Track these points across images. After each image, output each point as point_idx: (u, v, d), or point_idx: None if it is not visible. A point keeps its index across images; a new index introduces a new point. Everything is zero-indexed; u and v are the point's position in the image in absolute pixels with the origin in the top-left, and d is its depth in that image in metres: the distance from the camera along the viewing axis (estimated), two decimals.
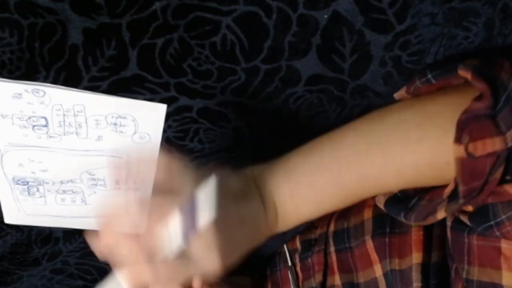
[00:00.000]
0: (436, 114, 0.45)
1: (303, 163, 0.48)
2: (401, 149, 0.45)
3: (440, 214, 0.44)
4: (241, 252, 0.47)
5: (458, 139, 0.42)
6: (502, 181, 0.41)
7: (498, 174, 0.40)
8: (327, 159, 0.48)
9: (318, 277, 0.60)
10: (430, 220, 0.45)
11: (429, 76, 0.47)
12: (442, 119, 0.44)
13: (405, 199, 0.49)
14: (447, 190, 0.43)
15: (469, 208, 0.43)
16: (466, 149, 0.41)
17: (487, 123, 0.41)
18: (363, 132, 0.48)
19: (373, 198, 0.57)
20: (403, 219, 0.48)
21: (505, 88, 0.42)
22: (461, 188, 0.41)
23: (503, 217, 0.40)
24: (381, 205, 0.51)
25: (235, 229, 0.46)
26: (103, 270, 0.70)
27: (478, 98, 0.42)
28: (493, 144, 0.40)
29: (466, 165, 0.41)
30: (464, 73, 0.44)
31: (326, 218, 0.64)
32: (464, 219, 0.43)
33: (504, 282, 0.40)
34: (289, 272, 0.65)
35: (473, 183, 0.41)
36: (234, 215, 0.46)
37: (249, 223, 0.47)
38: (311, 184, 0.48)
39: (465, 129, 0.41)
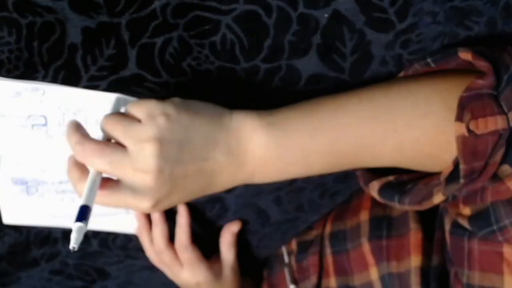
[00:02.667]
0: (444, 90, 0.44)
1: (301, 124, 0.45)
2: (405, 123, 0.44)
3: (437, 198, 0.43)
4: (188, 198, 0.45)
5: (459, 117, 0.41)
6: (499, 177, 0.40)
7: (498, 157, 0.40)
8: (327, 124, 0.45)
9: (313, 279, 0.60)
10: (425, 205, 0.44)
11: (429, 60, 0.46)
12: (450, 96, 0.43)
13: (400, 185, 0.48)
14: (445, 172, 0.42)
15: (467, 211, 0.42)
16: (467, 127, 0.40)
17: (489, 102, 0.41)
18: (368, 100, 0.46)
19: (370, 200, 0.57)
20: (397, 204, 0.47)
21: (507, 69, 0.42)
22: (462, 167, 0.40)
23: (506, 222, 0.39)
24: (374, 192, 0.49)
25: (190, 176, 0.43)
26: (102, 270, 0.70)
27: (480, 76, 0.42)
28: (495, 122, 0.40)
29: (468, 143, 0.40)
30: (465, 54, 0.43)
31: (322, 219, 0.64)
32: (464, 222, 0.42)
33: (506, 287, 0.40)
34: (285, 271, 0.65)
35: (475, 162, 0.40)
36: (197, 159, 0.43)
37: (207, 173, 0.44)
38: (305, 148, 0.45)
39: (467, 107, 0.41)
